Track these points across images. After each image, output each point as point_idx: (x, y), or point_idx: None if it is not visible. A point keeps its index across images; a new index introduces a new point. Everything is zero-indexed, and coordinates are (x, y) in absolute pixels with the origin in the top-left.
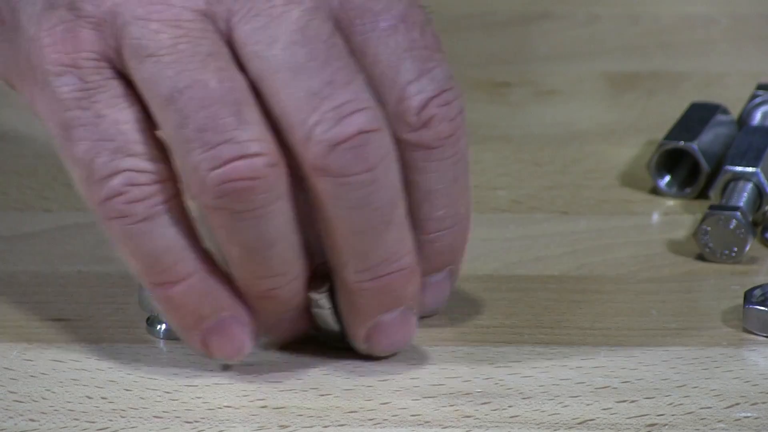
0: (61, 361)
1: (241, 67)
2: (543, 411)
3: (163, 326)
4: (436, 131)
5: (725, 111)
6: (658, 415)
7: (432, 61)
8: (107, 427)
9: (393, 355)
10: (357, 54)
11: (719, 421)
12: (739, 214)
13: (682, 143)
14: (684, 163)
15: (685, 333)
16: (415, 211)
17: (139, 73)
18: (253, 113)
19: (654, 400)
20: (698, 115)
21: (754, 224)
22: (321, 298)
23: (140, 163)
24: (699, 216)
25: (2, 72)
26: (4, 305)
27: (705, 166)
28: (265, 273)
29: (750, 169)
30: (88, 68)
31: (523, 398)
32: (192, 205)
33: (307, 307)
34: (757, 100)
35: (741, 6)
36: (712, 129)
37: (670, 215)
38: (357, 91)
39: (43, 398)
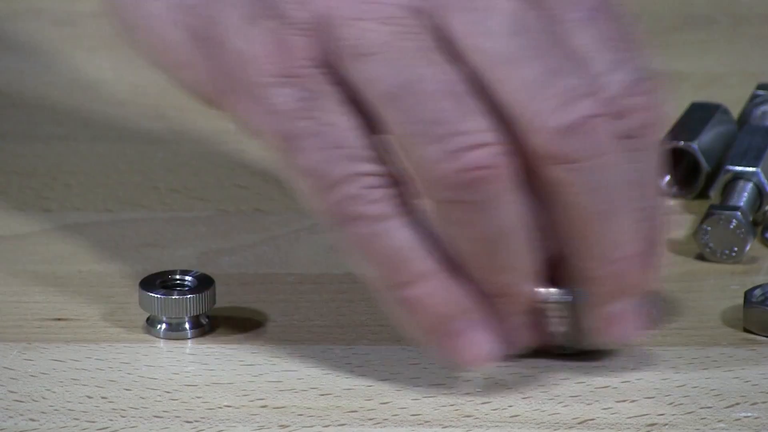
0: (61, 361)
1: (457, 60)
2: (543, 411)
3: (163, 326)
4: (632, 121)
5: (725, 111)
6: (658, 415)
7: (627, 52)
8: (107, 427)
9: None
10: None
11: (719, 421)
12: (739, 213)
13: (682, 143)
14: (684, 163)
15: (685, 333)
16: None
17: (356, 74)
18: (477, 105)
19: (654, 400)
20: (698, 115)
21: (755, 224)
22: (547, 307)
23: (372, 167)
24: (699, 216)
25: (198, 89)
26: (4, 305)
27: (705, 165)
28: (500, 267)
29: (750, 169)
30: (307, 76)
31: (523, 398)
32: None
33: (538, 317)
34: (757, 100)
35: (741, 6)
36: (712, 129)
37: (670, 215)
38: (580, 76)
39: (43, 398)
